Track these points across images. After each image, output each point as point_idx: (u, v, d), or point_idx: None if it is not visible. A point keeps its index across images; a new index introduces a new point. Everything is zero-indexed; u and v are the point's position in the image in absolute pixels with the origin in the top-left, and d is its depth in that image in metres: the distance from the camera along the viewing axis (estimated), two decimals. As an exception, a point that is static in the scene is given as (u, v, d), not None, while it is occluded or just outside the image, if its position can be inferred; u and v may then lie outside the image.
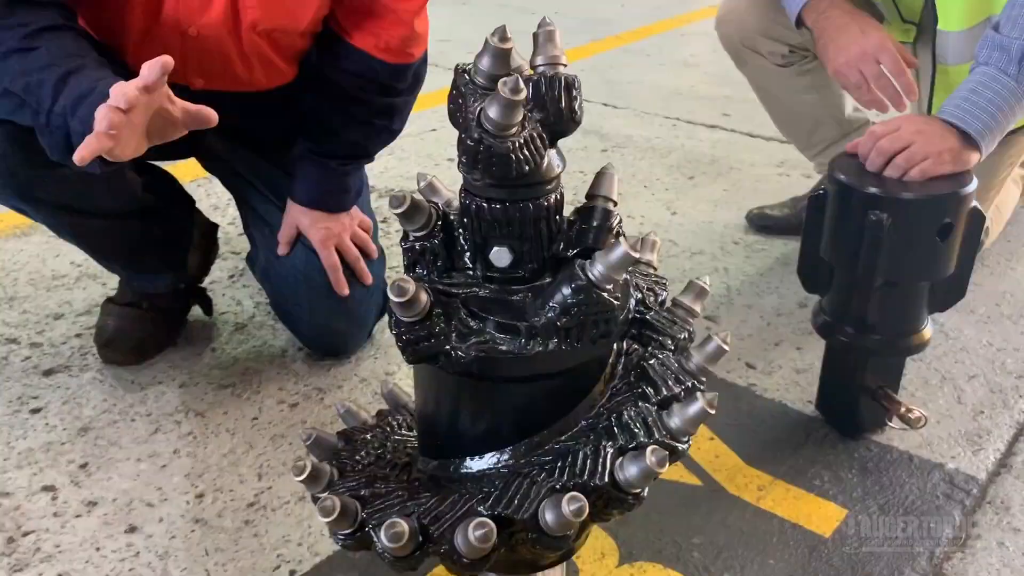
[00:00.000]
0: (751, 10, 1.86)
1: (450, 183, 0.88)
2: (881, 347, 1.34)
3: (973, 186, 1.25)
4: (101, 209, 1.44)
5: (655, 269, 0.95)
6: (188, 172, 2.24)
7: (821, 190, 1.33)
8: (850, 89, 1.57)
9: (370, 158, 1.60)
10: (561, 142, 0.81)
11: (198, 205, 1.72)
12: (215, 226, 1.77)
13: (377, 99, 1.49)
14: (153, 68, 1.04)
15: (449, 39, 3.44)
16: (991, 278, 1.92)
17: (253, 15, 1.33)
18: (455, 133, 0.79)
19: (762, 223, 2.13)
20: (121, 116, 1.02)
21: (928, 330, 1.35)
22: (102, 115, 1.03)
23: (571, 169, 0.93)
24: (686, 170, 2.53)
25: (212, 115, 1.13)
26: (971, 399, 1.52)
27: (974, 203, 1.26)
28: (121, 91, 1.02)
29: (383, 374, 1.59)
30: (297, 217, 1.53)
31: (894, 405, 1.35)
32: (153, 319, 1.63)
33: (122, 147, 1.06)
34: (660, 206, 2.29)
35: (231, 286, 1.88)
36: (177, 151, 1.67)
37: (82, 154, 1.03)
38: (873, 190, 1.24)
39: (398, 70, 1.47)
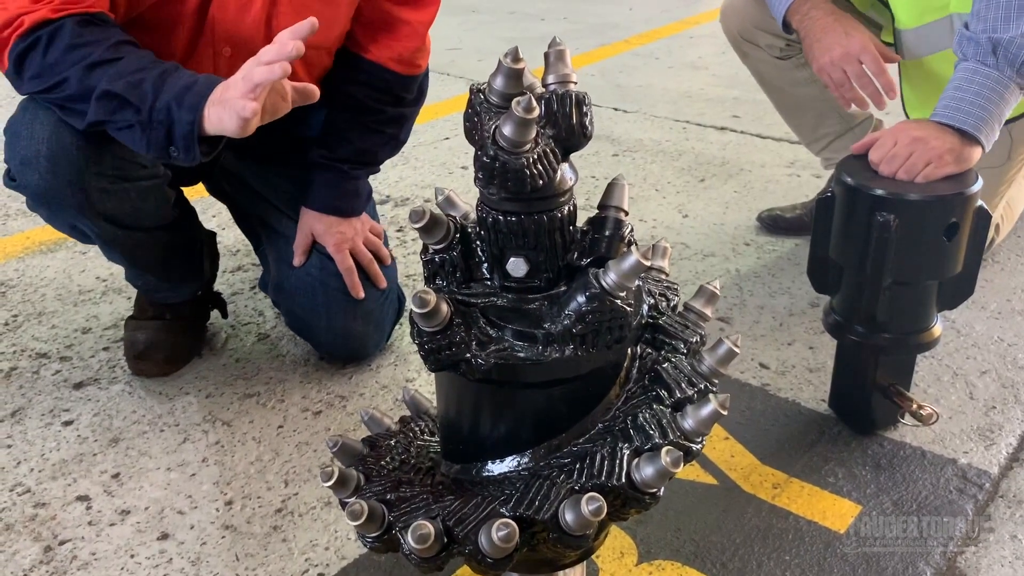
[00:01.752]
0: (749, 3, 1.89)
1: (463, 191, 0.92)
2: (892, 345, 1.36)
3: (978, 186, 1.27)
4: (144, 223, 1.48)
5: (667, 274, 0.98)
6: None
7: (828, 192, 1.35)
8: (832, 87, 1.63)
9: (377, 167, 1.66)
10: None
11: (219, 218, 1.76)
12: (214, 234, 1.81)
13: (389, 109, 1.57)
14: (301, 29, 1.08)
15: (459, 47, 3.46)
16: (1002, 274, 1.94)
17: None
18: (468, 142, 0.82)
19: (773, 224, 2.14)
20: (277, 71, 1.07)
21: (938, 327, 1.37)
22: (263, 71, 1.08)
23: (583, 175, 0.95)
24: (697, 172, 2.55)
25: (315, 91, 1.19)
26: (983, 395, 1.54)
27: (979, 202, 1.28)
28: (279, 49, 1.07)
29: (403, 381, 1.62)
30: (312, 224, 1.58)
31: (906, 402, 1.36)
32: (179, 328, 1.67)
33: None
34: (671, 209, 2.31)
35: (252, 297, 1.92)
36: (190, 176, 1.71)
37: (249, 109, 1.09)
38: (880, 192, 1.26)
39: (407, 81, 1.56)
